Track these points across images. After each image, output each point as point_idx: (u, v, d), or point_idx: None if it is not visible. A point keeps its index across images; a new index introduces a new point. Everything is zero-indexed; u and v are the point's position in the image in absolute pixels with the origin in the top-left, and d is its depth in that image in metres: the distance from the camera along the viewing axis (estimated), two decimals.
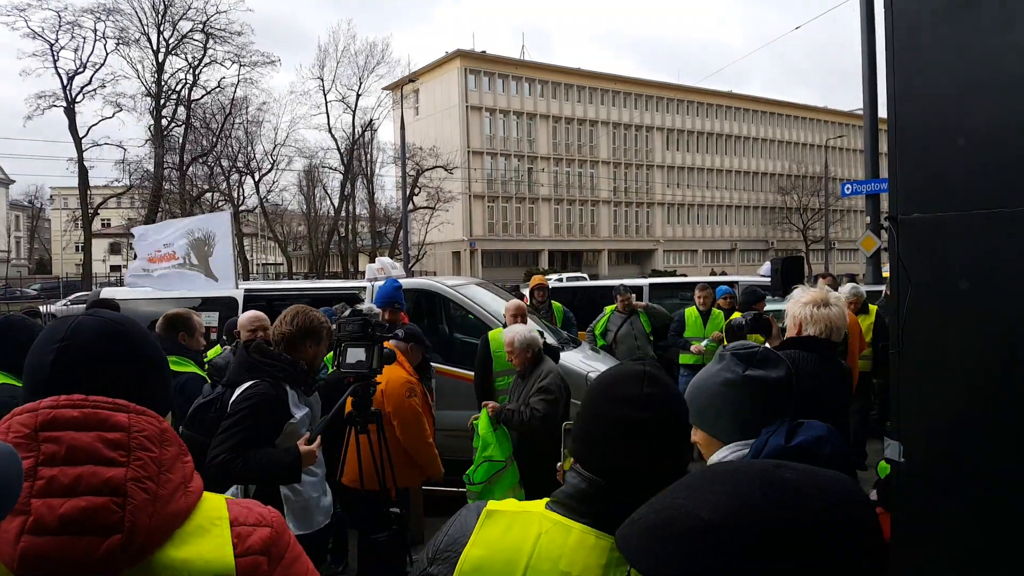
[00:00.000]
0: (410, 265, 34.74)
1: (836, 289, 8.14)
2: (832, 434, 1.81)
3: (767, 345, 3.17)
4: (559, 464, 2.90)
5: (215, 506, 1.38)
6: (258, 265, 59.87)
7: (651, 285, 11.76)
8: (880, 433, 8.77)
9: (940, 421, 2.53)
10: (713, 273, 37.27)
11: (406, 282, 8.46)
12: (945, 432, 2.53)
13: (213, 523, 1.34)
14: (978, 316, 2.41)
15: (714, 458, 1.82)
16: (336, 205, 50.11)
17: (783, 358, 1.93)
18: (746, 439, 1.78)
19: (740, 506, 0.84)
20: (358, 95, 48.24)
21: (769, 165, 73.72)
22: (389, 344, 5.27)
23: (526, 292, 10.46)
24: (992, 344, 2.39)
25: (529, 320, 6.94)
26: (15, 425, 1.25)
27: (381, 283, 7.75)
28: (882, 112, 17.38)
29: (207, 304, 7.94)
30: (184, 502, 1.31)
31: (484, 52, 59.52)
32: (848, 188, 15.57)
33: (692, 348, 8.73)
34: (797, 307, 2.91)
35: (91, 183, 40.67)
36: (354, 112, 48.22)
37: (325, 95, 48.65)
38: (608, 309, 9.62)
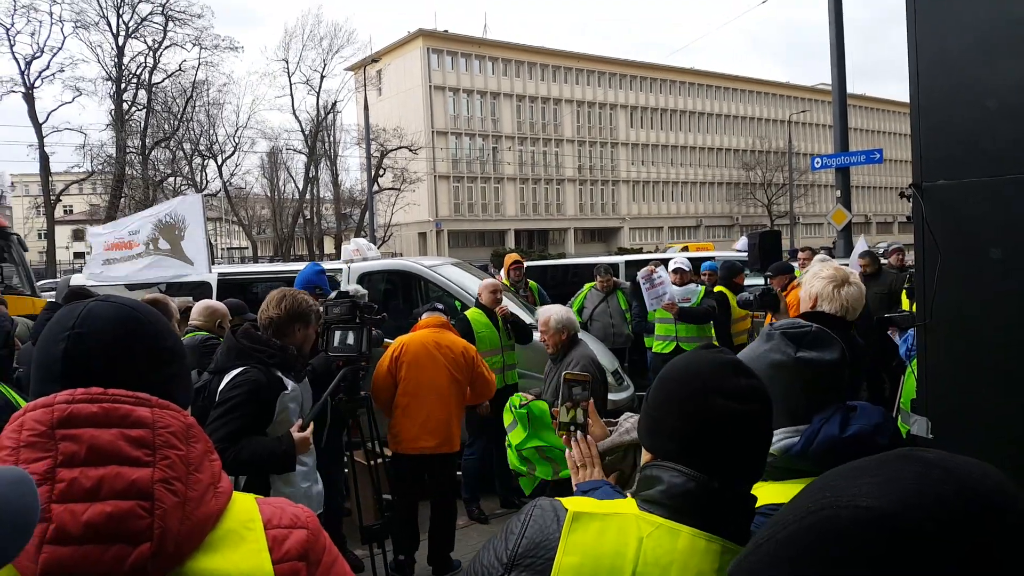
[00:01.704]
0: (377, 247, 34.49)
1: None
2: (888, 420, 1.68)
3: (775, 321, 3.09)
4: (553, 410, 2.54)
5: (246, 507, 1.26)
6: (223, 249, 59.16)
7: (627, 263, 11.72)
8: None
9: (970, 395, 2.48)
10: (657, 250, 37.08)
11: (383, 262, 8.37)
12: (976, 407, 2.47)
13: (246, 527, 1.22)
14: (1009, 285, 2.34)
15: None
16: (300, 188, 49.53)
17: (836, 338, 1.77)
18: (796, 425, 1.64)
19: (905, 488, 0.72)
20: (322, 77, 47.69)
21: (733, 141, 74.01)
22: (433, 315, 5.39)
23: (497, 272, 10.31)
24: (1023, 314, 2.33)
25: (505, 297, 6.83)
26: (28, 422, 1.12)
27: (358, 264, 7.62)
28: (851, 86, 17.45)
29: (179, 289, 7.73)
30: (215, 504, 1.19)
31: (446, 31, 58.91)
32: (818, 162, 15.64)
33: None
34: (817, 282, 2.78)
35: (52, 169, 39.64)
36: (318, 94, 47.70)
37: (290, 77, 48.13)
38: (587, 286, 9.57)
